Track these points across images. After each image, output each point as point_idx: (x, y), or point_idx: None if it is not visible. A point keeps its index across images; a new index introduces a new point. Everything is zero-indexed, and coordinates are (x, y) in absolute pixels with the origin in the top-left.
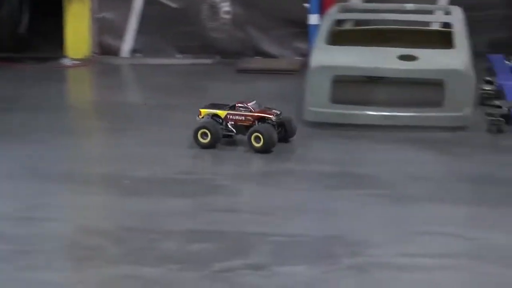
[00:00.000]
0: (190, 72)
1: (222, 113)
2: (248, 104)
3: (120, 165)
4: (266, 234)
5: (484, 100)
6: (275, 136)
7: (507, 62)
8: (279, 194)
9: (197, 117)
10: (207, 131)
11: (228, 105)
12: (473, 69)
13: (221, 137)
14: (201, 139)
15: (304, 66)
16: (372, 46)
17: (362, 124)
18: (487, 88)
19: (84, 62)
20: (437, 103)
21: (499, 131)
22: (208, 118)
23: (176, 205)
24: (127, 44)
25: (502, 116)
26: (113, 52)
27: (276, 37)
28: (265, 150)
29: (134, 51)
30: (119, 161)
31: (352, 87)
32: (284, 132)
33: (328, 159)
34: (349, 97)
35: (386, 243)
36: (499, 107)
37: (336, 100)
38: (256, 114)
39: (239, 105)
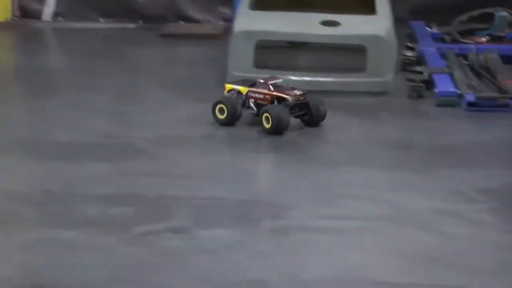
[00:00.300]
0: (113, 37)
1: (243, 89)
2: (269, 82)
3: (41, 130)
4: (187, 197)
5: (405, 66)
6: (285, 117)
7: (428, 29)
8: (198, 158)
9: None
10: (224, 107)
11: (256, 81)
12: (395, 35)
13: (239, 115)
14: (218, 115)
15: (227, 31)
16: (296, 12)
17: None
18: (408, 54)
19: (4, 25)
20: (359, 69)
21: (420, 96)
22: (233, 93)
23: (96, 169)
24: (49, 7)
25: (423, 81)
26: (35, 15)
27: (200, 2)
28: (275, 131)
29: (56, 14)
30: (39, 125)
31: (275, 52)
32: (310, 114)
33: (249, 123)
34: (272, 62)
35: (306, 206)
36: (420, 73)
37: (259, 65)
38: (273, 93)
39: (261, 81)
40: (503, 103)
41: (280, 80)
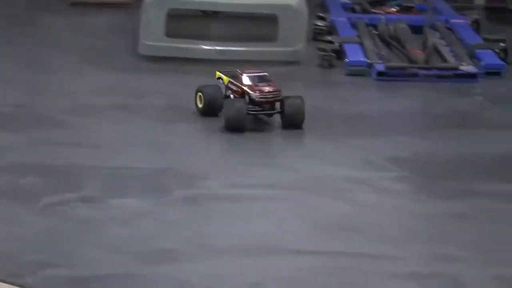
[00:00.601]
0: (22, 5)
1: (226, 79)
2: (245, 74)
3: None
4: (98, 167)
5: (316, 35)
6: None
7: None
8: (110, 128)
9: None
10: (202, 95)
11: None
12: (306, 5)
13: (220, 104)
14: (198, 103)
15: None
16: None
17: (197, 58)
18: (319, 24)
19: None
20: (270, 38)
21: (331, 66)
22: (222, 82)
23: (6, 139)
24: None
25: (334, 51)
26: None
27: None
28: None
29: None
30: None
31: (187, 21)
32: (283, 115)
33: (161, 93)
34: (184, 31)
35: (217, 175)
36: (331, 42)
37: (171, 34)
38: (241, 86)
39: (239, 72)
40: (412, 73)
41: (263, 73)
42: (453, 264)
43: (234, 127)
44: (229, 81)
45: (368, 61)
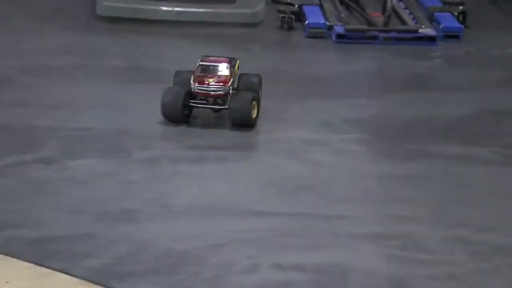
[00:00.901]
0: None
1: None
2: (200, 62)
3: None
4: (56, 128)
5: None
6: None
7: None
8: (68, 88)
9: None
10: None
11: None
12: None
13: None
14: None
15: None
16: None
17: (156, 19)
18: None
19: None
20: (230, 0)
21: (290, 28)
22: None
23: None
24: None
25: (293, 13)
26: None
27: None
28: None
29: None
30: None
31: None
32: (230, 111)
33: (119, 54)
34: None
35: (175, 137)
36: (291, 4)
37: None
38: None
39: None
40: (372, 35)
41: (222, 63)
42: (409, 225)
43: (169, 116)
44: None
45: (328, 23)
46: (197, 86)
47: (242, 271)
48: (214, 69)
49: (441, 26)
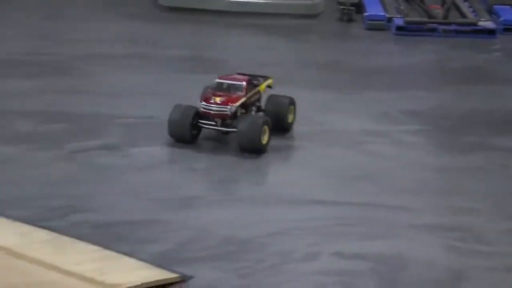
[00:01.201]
0: None
1: None
2: (218, 79)
3: None
4: (118, 115)
5: None
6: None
7: None
8: (129, 77)
9: None
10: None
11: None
12: None
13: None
14: None
15: None
16: None
17: (215, 10)
18: None
19: None
20: None
21: (350, 20)
22: None
23: (24, 86)
24: None
25: (353, 5)
26: None
27: None
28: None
29: None
30: None
31: None
32: (238, 135)
33: (179, 44)
34: None
35: None
36: None
37: None
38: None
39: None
40: (431, 28)
41: (239, 82)
42: (469, 216)
43: (176, 136)
44: None
45: (387, 15)
46: (202, 104)
47: (302, 259)
48: (228, 88)
49: (500, 19)
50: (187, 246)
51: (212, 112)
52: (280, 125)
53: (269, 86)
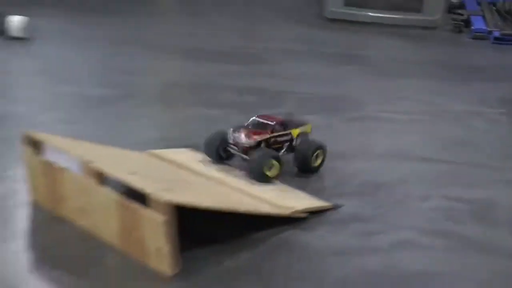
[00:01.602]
0: None
1: None
2: (259, 118)
3: (194, 41)
4: (294, 92)
5: (450, 8)
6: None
7: None
8: (300, 66)
9: None
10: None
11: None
12: None
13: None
14: None
15: None
16: None
17: (364, 21)
18: (453, 1)
19: None
20: (416, 9)
21: (460, 31)
22: None
23: (232, 69)
24: None
25: (463, 21)
26: None
27: None
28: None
29: None
30: (193, 38)
31: None
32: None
33: (337, 44)
34: (357, 1)
35: (373, 103)
36: (461, 14)
37: (348, 3)
38: None
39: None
40: None
41: (271, 121)
42: None
43: (208, 154)
44: None
45: (488, 29)
46: (230, 134)
47: (418, 199)
48: (259, 125)
49: None
50: (337, 185)
51: (236, 142)
52: (307, 167)
53: (305, 132)
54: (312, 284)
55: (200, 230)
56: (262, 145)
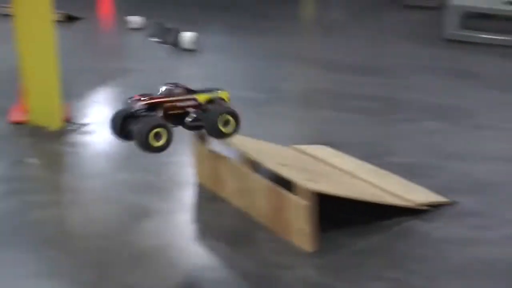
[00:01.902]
0: (368, 4)
1: None
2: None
3: (329, 54)
4: (413, 100)
5: None
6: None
7: None
8: (421, 78)
9: None
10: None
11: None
12: None
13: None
14: None
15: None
16: None
17: (478, 42)
18: None
19: None
20: None
21: None
22: None
23: (362, 80)
24: None
25: None
26: None
27: None
28: None
29: None
30: (327, 51)
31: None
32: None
33: (451, 61)
34: (476, 25)
35: (484, 113)
36: None
37: (463, 27)
38: None
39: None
40: None
41: (175, 88)
42: None
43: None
44: None
45: None
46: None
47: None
48: (166, 91)
49: None
50: (453, 183)
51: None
52: (214, 130)
53: (219, 99)
54: (434, 267)
55: (336, 215)
56: (161, 110)
